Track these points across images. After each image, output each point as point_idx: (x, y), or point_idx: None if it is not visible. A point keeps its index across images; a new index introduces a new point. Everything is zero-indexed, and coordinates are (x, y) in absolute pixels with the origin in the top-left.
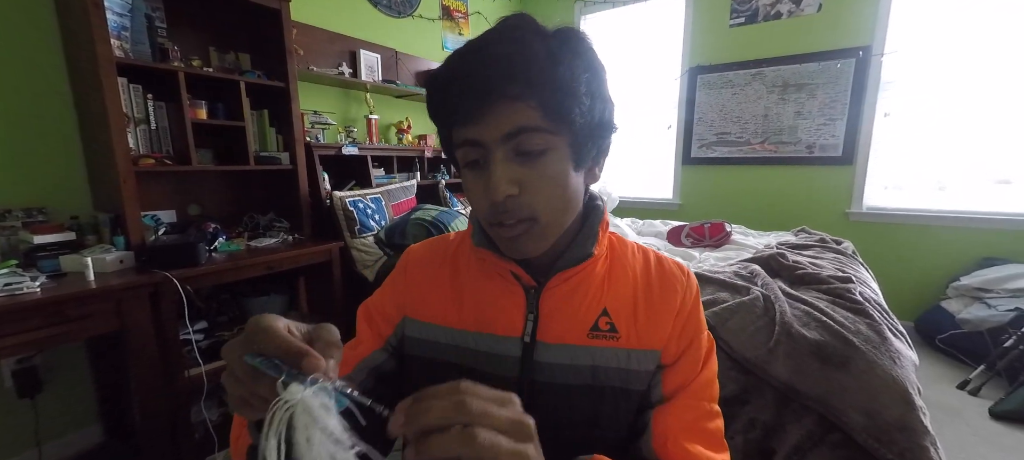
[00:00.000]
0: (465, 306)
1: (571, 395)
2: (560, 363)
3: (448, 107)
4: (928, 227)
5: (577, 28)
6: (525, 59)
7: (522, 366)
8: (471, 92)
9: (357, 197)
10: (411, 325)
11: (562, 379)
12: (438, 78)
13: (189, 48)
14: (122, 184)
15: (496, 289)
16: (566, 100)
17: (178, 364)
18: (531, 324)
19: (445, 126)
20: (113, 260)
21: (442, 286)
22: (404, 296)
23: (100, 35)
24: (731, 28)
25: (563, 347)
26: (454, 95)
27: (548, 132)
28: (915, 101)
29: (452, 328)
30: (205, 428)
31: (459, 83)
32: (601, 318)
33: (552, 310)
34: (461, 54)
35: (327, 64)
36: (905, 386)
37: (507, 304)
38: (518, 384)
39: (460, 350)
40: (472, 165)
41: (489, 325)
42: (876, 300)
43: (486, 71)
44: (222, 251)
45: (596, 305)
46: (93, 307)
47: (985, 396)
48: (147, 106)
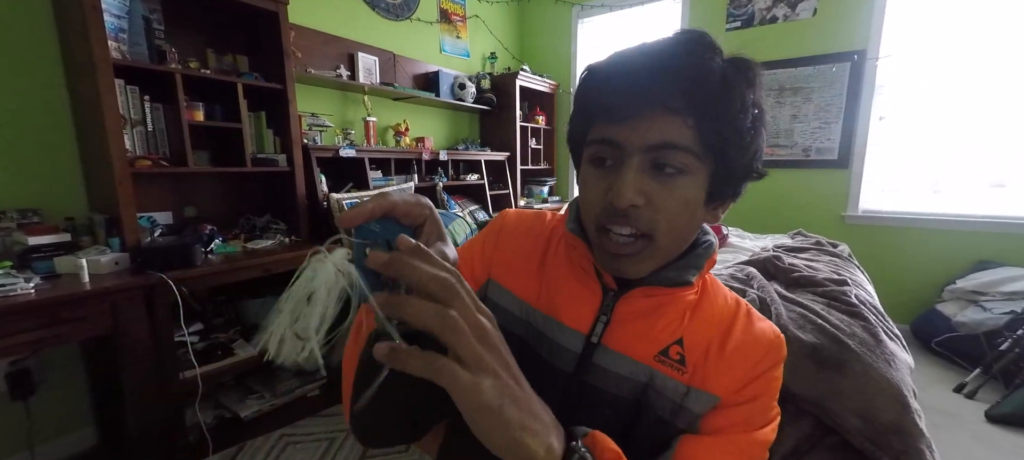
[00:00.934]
0: (544, 286)
1: (616, 406)
2: (616, 372)
3: (601, 102)
4: (924, 230)
5: (754, 60)
6: (697, 75)
7: (579, 363)
8: (629, 94)
9: (354, 199)
10: (493, 287)
11: (614, 389)
12: (599, 71)
13: (187, 50)
14: (118, 185)
15: (576, 280)
16: (725, 130)
17: (173, 366)
18: (601, 326)
19: (589, 119)
20: (108, 261)
21: (529, 260)
22: (493, 257)
23: (97, 37)
24: (727, 32)
25: (626, 359)
26: (610, 92)
27: (694, 155)
28: (910, 105)
29: (528, 304)
30: (200, 431)
31: (619, 81)
32: (674, 346)
33: (626, 319)
34: (631, 54)
35: (325, 66)
36: (900, 389)
37: (581, 298)
38: (567, 380)
39: (528, 327)
40: (598, 162)
41: (558, 312)
42: (871, 303)
43: (652, 78)
44: (218, 253)
45: (674, 332)
46: (87, 309)
47: (981, 399)
48: (144, 107)
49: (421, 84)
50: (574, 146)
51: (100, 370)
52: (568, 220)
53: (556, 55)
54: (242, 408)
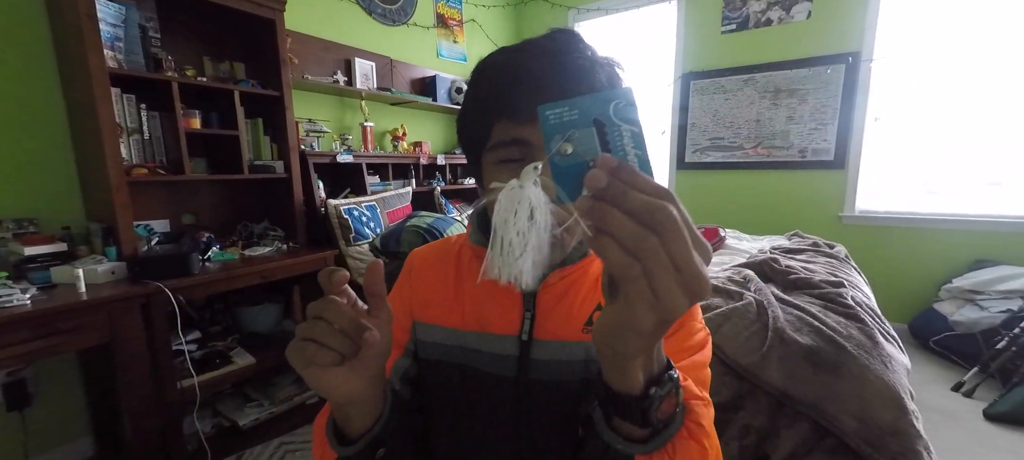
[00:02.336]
0: (465, 306)
1: (566, 391)
2: (556, 359)
3: (504, 101)
4: (920, 229)
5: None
6: (591, 74)
7: (519, 365)
8: (535, 92)
9: (352, 205)
10: (420, 328)
11: (557, 375)
12: (498, 68)
13: (183, 58)
14: (114, 194)
15: (494, 288)
16: None
17: (170, 375)
18: (528, 322)
19: (489, 119)
20: (105, 271)
21: (445, 287)
22: (411, 300)
23: (93, 46)
24: (723, 35)
25: (559, 343)
26: (516, 91)
27: None
28: (904, 105)
29: (454, 329)
30: (198, 440)
31: (526, 81)
32: (595, 312)
33: (549, 307)
34: (522, 52)
35: (322, 72)
36: (897, 391)
37: (504, 303)
38: (515, 384)
39: (461, 350)
40: (507, 163)
41: (488, 324)
42: (868, 304)
43: (553, 75)
44: (216, 260)
45: (591, 300)
46: (84, 319)
47: (979, 398)
48: (140, 116)
49: (418, 89)
50: (472, 148)
51: (97, 380)
52: (470, 234)
53: None
54: (241, 416)
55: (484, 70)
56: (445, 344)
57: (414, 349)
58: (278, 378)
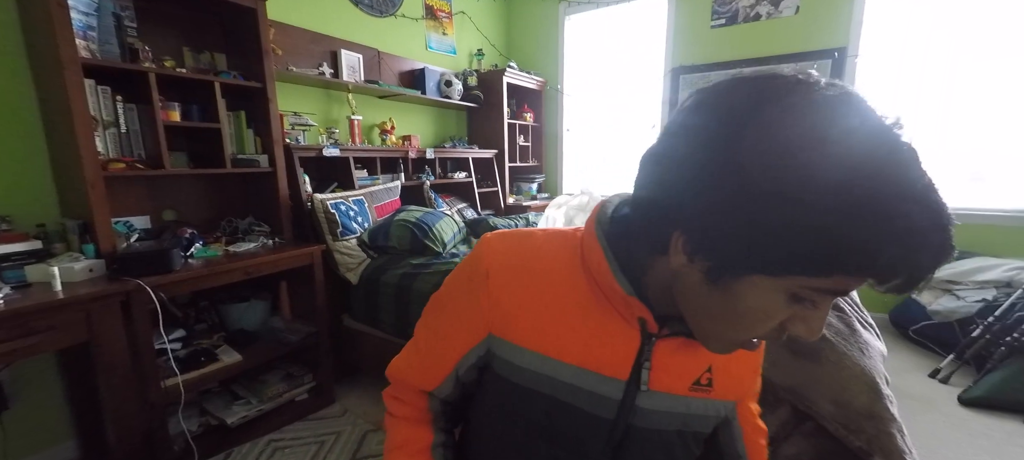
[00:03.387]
0: (568, 337)
1: (663, 439)
2: (661, 411)
3: (896, 273)
4: None
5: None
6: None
7: (621, 409)
8: (934, 267)
9: (339, 199)
10: (500, 345)
11: (658, 425)
12: (911, 244)
13: (161, 48)
14: (90, 190)
15: (612, 327)
16: None
17: (153, 375)
18: (645, 372)
19: (843, 268)
20: (82, 269)
21: (539, 307)
22: (489, 311)
23: (64, 35)
24: (712, 29)
25: (668, 397)
26: (920, 269)
27: None
28: (890, 101)
29: (550, 358)
30: (185, 440)
31: (933, 259)
32: (705, 373)
33: (665, 360)
34: (932, 210)
35: (307, 64)
36: (873, 376)
37: (620, 346)
38: (612, 425)
39: (556, 383)
40: (801, 301)
41: (595, 363)
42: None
43: (952, 249)
44: (199, 257)
45: (705, 361)
46: (60, 318)
47: (955, 384)
48: (116, 108)
49: (407, 82)
50: (781, 265)
51: (78, 381)
52: (615, 276)
53: (543, 52)
54: (228, 415)
55: (875, 216)
56: (535, 372)
57: (477, 359)
58: (267, 375)
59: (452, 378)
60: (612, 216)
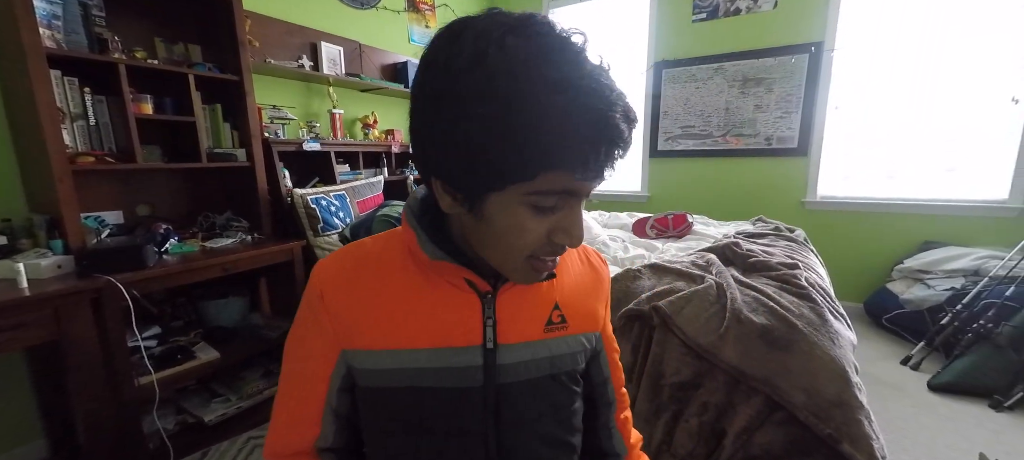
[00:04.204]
0: (412, 323)
1: (536, 387)
2: (523, 360)
3: (573, 157)
4: (876, 214)
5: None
6: (633, 115)
7: (486, 373)
8: (610, 156)
9: (320, 194)
10: (354, 357)
11: (526, 375)
12: (569, 113)
13: (132, 39)
14: (57, 184)
15: (447, 299)
16: None
17: (127, 373)
18: (491, 329)
19: (540, 166)
20: (49, 265)
21: (377, 305)
22: (332, 329)
23: (26, 24)
24: (693, 23)
25: (524, 345)
26: (597, 152)
27: None
28: (864, 95)
29: (402, 350)
30: (160, 438)
31: (611, 145)
32: (553, 312)
33: (509, 312)
34: (605, 99)
35: (286, 57)
36: (843, 365)
37: (462, 313)
38: (483, 392)
39: (415, 372)
40: (542, 210)
41: (446, 338)
42: (821, 285)
43: (627, 131)
44: (174, 253)
45: (548, 300)
46: (26, 316)
47: (924, 370)
48: (84, 100)
49: (389, 75)
50: (479, 175)
51: (47, 380)
52: (421, 244)
53: None
54: (206, 412)
55: (528, 108)
56: (392, 368)
57: (341, 381)
58: (246, 372)
59: (329, 415)
60: (422, 197)
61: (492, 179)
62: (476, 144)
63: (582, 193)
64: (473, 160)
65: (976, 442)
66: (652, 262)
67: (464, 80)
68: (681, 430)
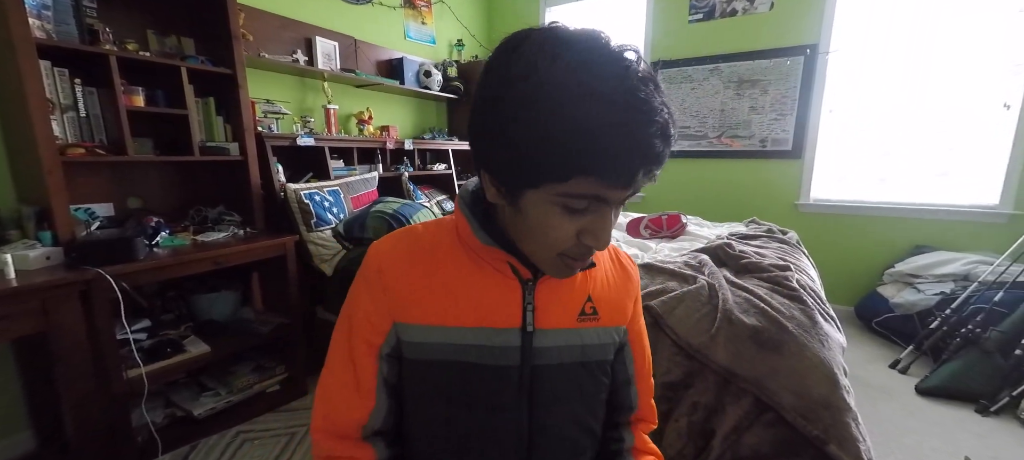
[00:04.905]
0: (459, 302)
1: (567, 372)
2: (557, 346)
3: (604, 167)
4: (868, 217)
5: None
6: (673, 131)
7: (523, 354)
8: (650, 165)
9: (313, 189)
10: (405, 330)
11: (559, 359)
12: (607, 127)
13: (124, 30)
14: (47, 175)
15: (491, 283)
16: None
17: (116, 366)
18: (530, 314)
19: (573, 170)
20: (38, 257)
21: (429, 285)
22: (387, 302)
23: (15, 14)
24: (690, 24)
25: (559, 332)
26: (630, 164)
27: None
28: (858, 98)
29: (448, 327)
30: (148, 432)
31: (639, 157)
32: (587, 304)
33: (546, 299)
34: (639, 113)
35: (280, 51)
36: (832, 367)
37: (504, 297)
38: (520, 371)
39: (459, 347)
40: (573, 212)
41: (488, 319)
42: (812, 287)
43: (663, 147)
44: (165, 246)
45: (582, 293)
46: (14, 307)
47: (913, 374)
48: (75, 92)
49: (385, 71)
50: (521, 175)
51: (34, 372)
52: (474, 231)
53: None
54: (195, 406)
55: (568, 117)
56: (439, 343)
57: (390, 352)
58: (236, 366)
59: (381, 385)
60: (473, 189)
61: (530, 176)
62: (520, 144)
63: (612, 200)
64: (516, 158)
65: (963, 446)
66: (645, 262)
67: (519, 87)
68: (670, 429)
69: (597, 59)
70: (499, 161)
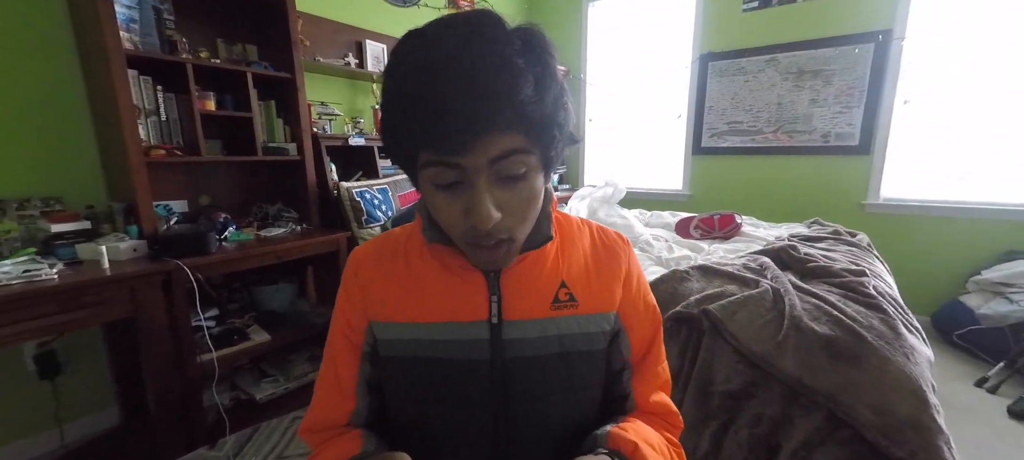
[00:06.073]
0: (426, 299)
1: (544, 365)
2: (529, 337)
3: (431, 134)
4: (949, 219)
5: (536, 29)
6: (514, 87)
7: (492, 347)
8: (463, 126)
9: (364, 187)
10: (378, 328)
11: (532, 351)
12: (415, 99)
13: (197, 40)
14: (134, 175)
15: (458, 279)
16: (549, 125)
17: (190, 350)
18: (495, 305)
19: (418, 145)
20: (127, 248)
21: (399, 283)
22: (362, 301)
23: (109, 29)
24: (744, 13)
25: (530, 322)
26: (441, 127)
27: (527, 153)
28: (938, 87)
29: (417, 323)
30: (217, 412)
31: (452, 118)
32: (560, 290)
33: (514, 289)
34: (439, 76)
35: (333, 55)
36: (919, 383)
37: (469, 290)
38: (490, 364)
39: (429, 343)
40: (443, 186)
41: (454, 313)
42: (891, 295)
43: (479, 103)
44: (232, 240)
45: (554, 279)
46: (108, 294)
47: (1004, 394)
48: (157, 98)
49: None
50: (402, 161)
51: (121, 353)
52: (424, 230)
53: (566, 40)
54: (257, 391)
55: (399, 94)
56: (408, 339)
57: (370, 351)
58: (293, 355)
59: (362, 386)
60: None
61: (402, 161)
62: (384, 133)
63: (469, 168)
64: (388, 148)
65: None
66: (699, 264)
67: (385, 82)
68: (730, 441)
69: (430, 33)
70: (389, 149)
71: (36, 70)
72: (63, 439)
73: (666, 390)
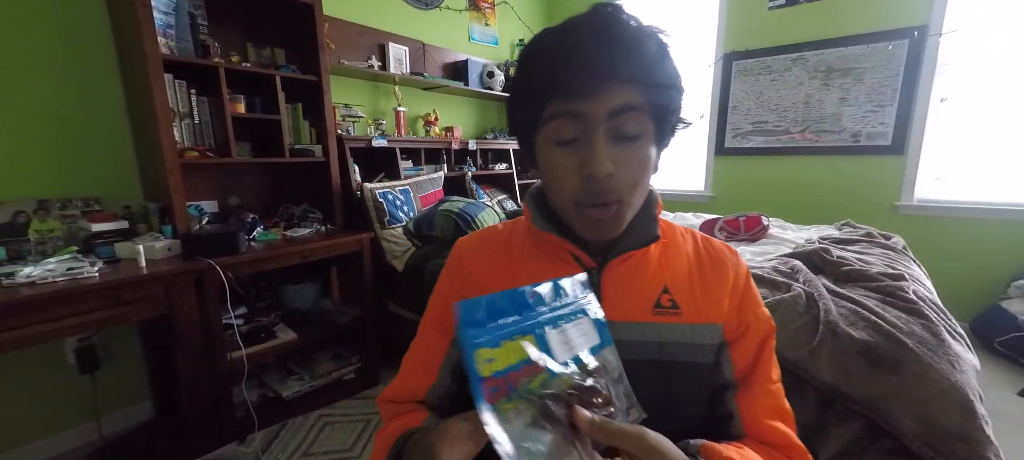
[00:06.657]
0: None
1: (641, 371)
2: (628, 340)
3: (559, 79)
4: (988, 220)
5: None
6: (641, 45)
7: None
8: (589, 67)
9: (386, 189)
10: None
11: (631, 355)
12: (546, 51)
13: (228, 44)
14: (169, 176)
15: (556, 272)
16: (668, 91)
17: (221, 347)
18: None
19: (543, 98)
20: (162, 247)
21: (499, 273)
22: (462, 288)
23: (148, 33)
24: (770, 10)
25: (630, 324)
26: (569, 69)
27: (646, 115)
28: (976, 85)
29: None
30: (246, 408)
31: (577, 58)
32: (663, 295)
33: (614, 289)
34: (569, 30)
35: (357, 57)
36: (965, 392)
37: None
38: None
39: None
40: (563, 142)
41: None
42: (932, 299)
43: (605, 50)
44: (260, 240)
45: (657, 283)
46: (145, 292)
47: None
48: (191, 101)
49: (450, 73)
50: (525, 130)
51: (155, 348)
52: (532, 218)
53: None
54: (284, 388)
55: (532, 53)
56: None
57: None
58: (318, 353)
59: (446, 365)
60: (540, 185)
61: (528, 118)
62: (514, 93)
63: (590, 117)
64: (515, 107)
65: None
66: None
67: (520, 56)
68: None
69: (571, 16)
70: (513, 122)
71: (77, 74)
72: (101, 431)
73: (787, 422)
